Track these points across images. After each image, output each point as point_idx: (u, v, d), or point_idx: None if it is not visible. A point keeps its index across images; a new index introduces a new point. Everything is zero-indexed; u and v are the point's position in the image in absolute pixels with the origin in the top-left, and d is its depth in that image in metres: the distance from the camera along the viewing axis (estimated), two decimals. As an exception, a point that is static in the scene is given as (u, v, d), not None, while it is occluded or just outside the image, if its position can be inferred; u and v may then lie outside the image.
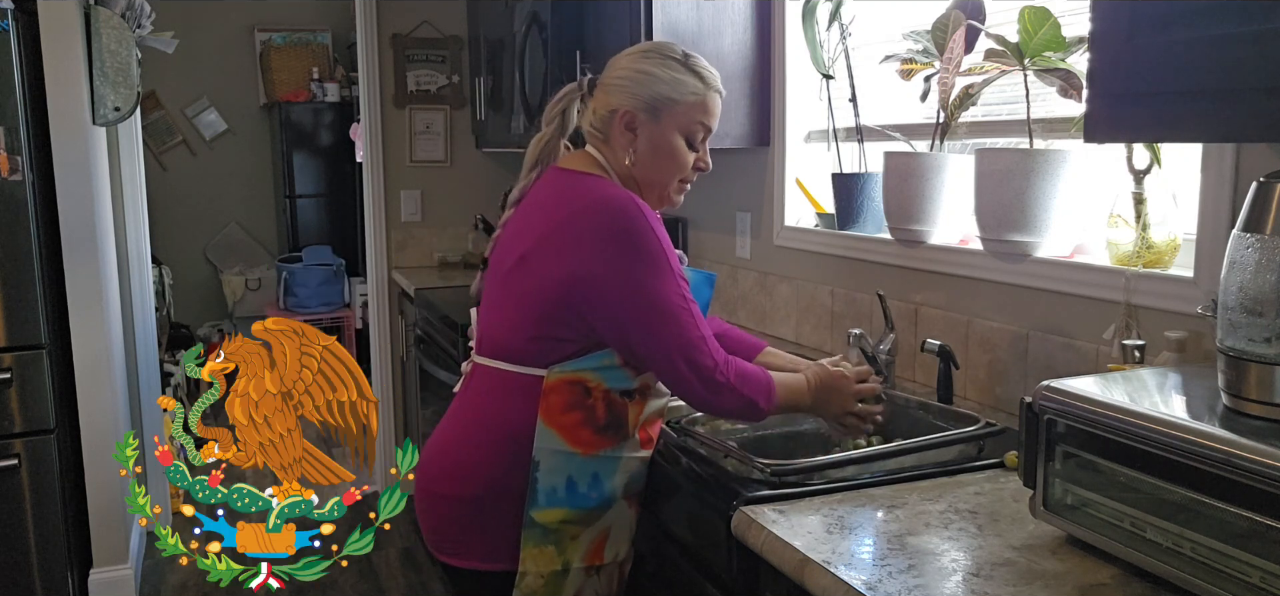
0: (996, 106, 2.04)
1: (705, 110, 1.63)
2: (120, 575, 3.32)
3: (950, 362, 1.86)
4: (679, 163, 1.63)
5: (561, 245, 1.54)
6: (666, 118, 1.60)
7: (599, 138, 1.64)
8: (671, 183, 1.65)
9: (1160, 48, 1.10)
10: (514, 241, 1.63)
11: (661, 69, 1.60)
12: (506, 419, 1.58)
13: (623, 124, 1.60)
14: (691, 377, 1.52)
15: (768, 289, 2.65)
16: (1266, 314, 1.05)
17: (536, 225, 1.60)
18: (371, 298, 4.29)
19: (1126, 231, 1.63)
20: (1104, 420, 1.15)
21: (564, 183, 1.63)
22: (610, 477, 1.59)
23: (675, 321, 1.51)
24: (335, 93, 5.73)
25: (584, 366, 1.55)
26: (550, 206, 1.60)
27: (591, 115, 1.65)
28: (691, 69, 1.62)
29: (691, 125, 1.62)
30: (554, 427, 1.55)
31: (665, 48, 1.64)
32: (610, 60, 1.67)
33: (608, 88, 1.63)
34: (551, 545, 1.58)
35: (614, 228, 1.51)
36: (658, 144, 1.61)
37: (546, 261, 1.55)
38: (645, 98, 1.59)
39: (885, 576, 1.18)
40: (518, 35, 3.36)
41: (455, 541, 1.63)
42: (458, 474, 1.62)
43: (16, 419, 2.98)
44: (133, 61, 3.32)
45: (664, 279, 1.51)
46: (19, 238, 2.93)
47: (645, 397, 1.62)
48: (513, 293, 1.60)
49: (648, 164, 1.62)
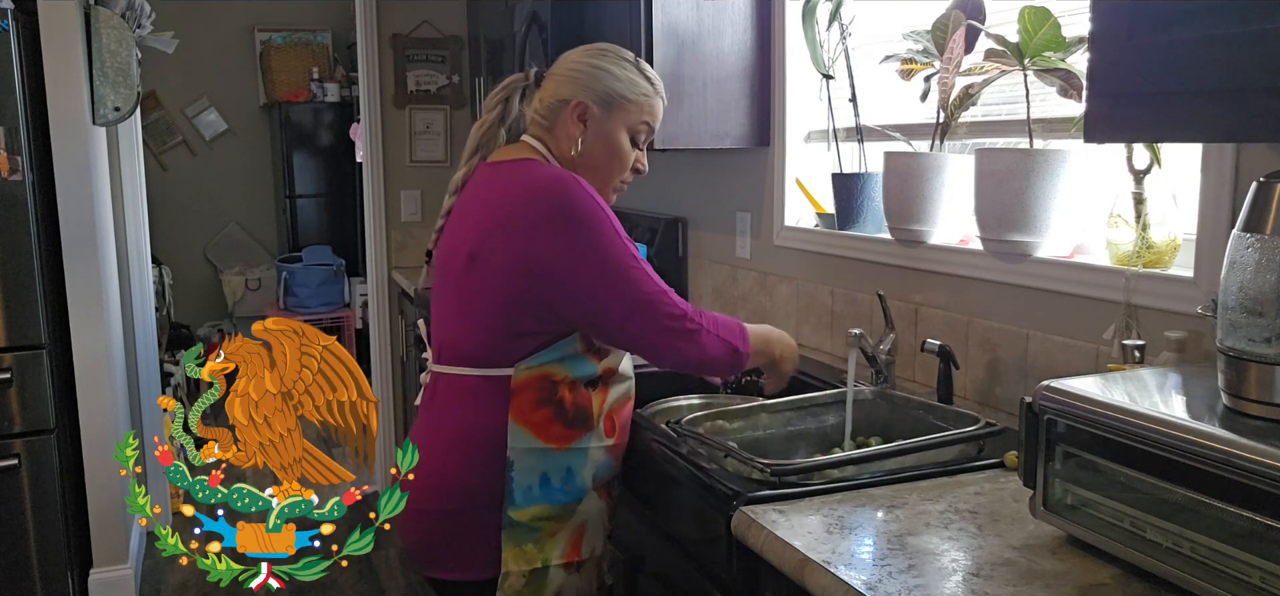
0: (996, 106, 2.04)
1: (652, 112, 1.69)
2: (120, 575, 3.32)
3: (950, 362, 1.86)
4: (622, 159, 1.68)
5: (510, 234, 1.55)
6: (617, 114, 1.65)
7: (543, 126, 1.67)
8: (612, 178, 1.70)
9: (1160, 48, 1.10)
10: (459, 241, 1.64)
11: (617, 67, 1.66)
12: (476, 425, 1.59)
13: (574, 114, 1.64)
14: (662, 333, 1.54)
15: (768, 289, 2.65)
16: (1266, 314, 1.05)
17: (480, 221, 1.60)
18: (371, 297, 4.29)
19: (1126, 231, 1.63)
20: (1104, 420, 1.15)
21: (500, 175, 1.64)
22: (582, 470, 1.61)
23: (632, 279, 1.54)
24: (335, 93, 5.73)
25: (548, 359, 1.57)
26: (490, 201, 1.61)
27: (537, 104, 1.68)
28: (642, 72, 1.69)
29: (637, 125, 1.68)
30: (525, 425, 1.56)
31: (618, 49, 1.70)
32: (562, 55, 1.71)
33: (559, 79, 1.66)
34: (531, 543, 1.58)
35: (555, 204, 1.54)
36: (606, 137, 1.65)
37: (497, 254, 1.56)
38: (599, 92, 1.64)
39: (885, 576, 1.18)
40: (518, 35, 3.36)
41: (439, 555, 1.63)
42: (434, 488, 1.61)
43: (16, 419, 2.99)
44: (133, 61, 3.32)
45: (610, 240, 1.54)
46: (19, 238, 2.93)
47: (608, 384, 1.64)
48: (466, 294, 1.60)
49: (593, 156, 1.66)
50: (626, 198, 3.37)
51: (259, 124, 6.00)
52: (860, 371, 1.86)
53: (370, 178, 4.19)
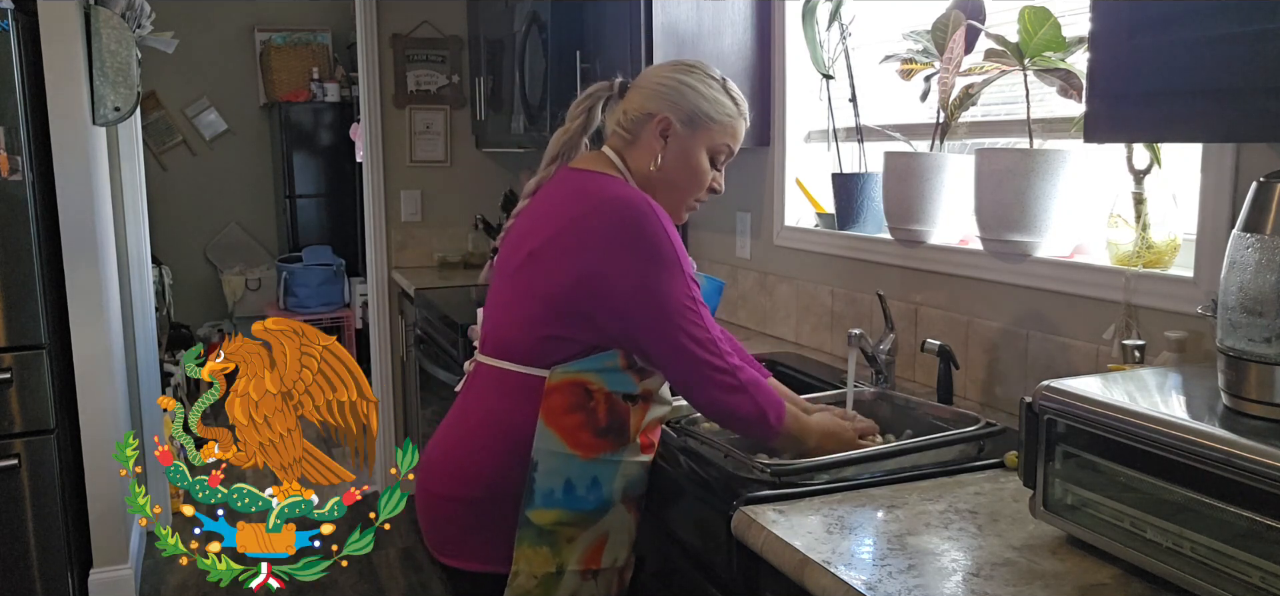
0: (996, 106, 2.04)
1: (734, 134, 1.67)
2: (120, 575, 3.32)
3: (950, 362, 1.86)
4: (699, 179, 1.66)
5: (572, 244, 1.54)
6: (701, 133, 1.63)
7: (625, 139, 1.65)
8: (688, 197, 1.67)
9: (1160, 48, 1.10)
10: (523, 238, 1.63)
11: (704, 86, 1.64)
12: (509, 420, 1.58)
13: (658, 129, 1.62)
14: (703, 380, 1.53)
15: (768, 289, 2.65)
16: (1266, 314, 1.05)
17: (547, 223, 1.60)
18: (371, 297, 4.29)
19: (1126, 231, 1.63)
20: (1104, 420, 1.15)
21: (576, 181, 1.63)
22: (609, 482, 1.59)
23: (686, 322, 1.51)
24: (335, 93, 5.73)
25: (586, 368, 1.55)
26: (562, 204, 1.60)
27: (620, 115, 1.66)
28: (729, 93, 1.66)
29: (719, 145, 1.66)
30: (554, 429, 1.55)
31: (707, 67, 1.68)
32: (648, 68, 1.70)
33: (645, 92, 1.64)
34: (546, 546, 1.57)
35: (626, 226, 1.52)
36: (686, 156, 1.63)
37: (556, 259, 1.55)
38: (686, 109, 1.62)
39: (885, 576, 1.18)
40: (518, 35, 3.36)
41: (456, 543, 1.63)
42: (460, 475, 1.61)
43: (16, 419, 2.98)
44: (133, 61, 3.32)
45: (675, 280, 1.52)
46: (19, 238, 2.93)
47: (648, 403, 1.61)
48: (520, 291, 1.60)
49: (671, 173, 1.63)
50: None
51: (259, 124, 6.01)
52: (860, 371, 1.86)
53: (370, 178, 4.19)
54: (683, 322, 1.51)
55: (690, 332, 1.52)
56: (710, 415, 1.60)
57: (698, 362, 1.52)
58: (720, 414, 1.58)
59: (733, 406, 1.54)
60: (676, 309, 1.51)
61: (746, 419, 1.56)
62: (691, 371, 1.53)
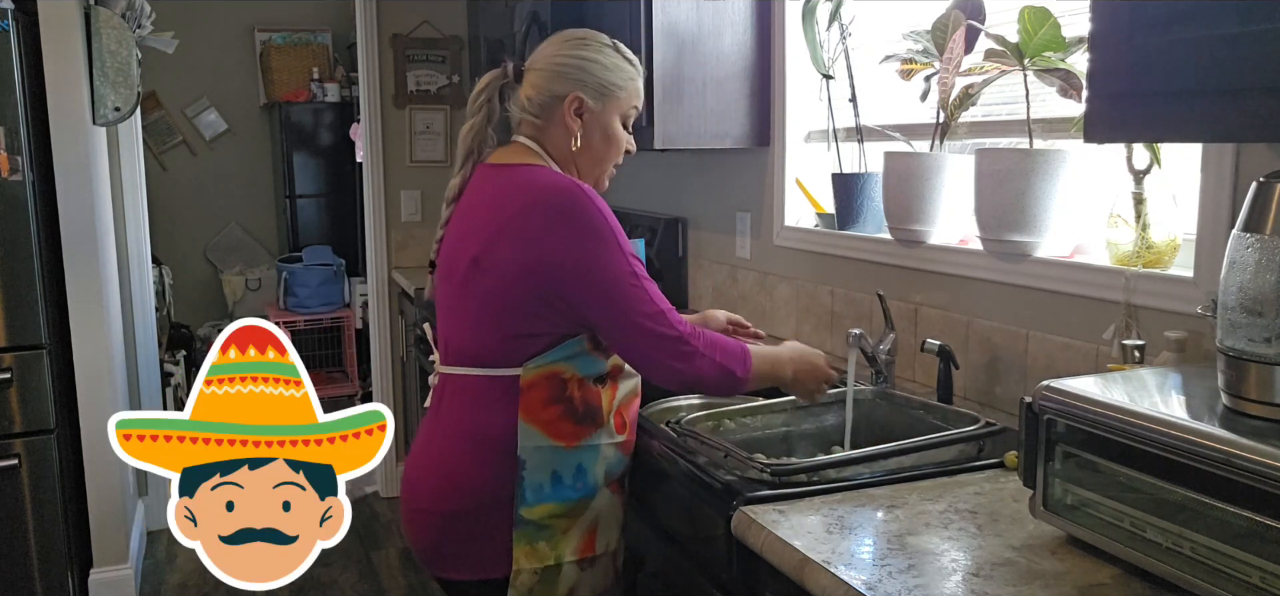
0: (996, 106, 2.04)
1: (638, 95, 1.71)
2: (120, 575, 3.32)
3: (950, 362, 1.86)
4: (618, 146, 1.69)
5: (515, 238, 1.54)
6: (610, 103, 1.66)
7: (535, 124, 1.66)
8: (609, 166, 1.71)
9: (1160, 48, 1.10)
10: (462, 243, 1.63)
11: (603, 56, 1.66)
12: (485, 425, 1.58)
13: (571, 108, 1.63)
14: (658, 350, 1.54)
15: (768, 289, 2.65)
16: (1266, 314, 1.05)
17: (484, 224, 1.59)
18: (371, 297, 4.29)
19: (1126, 231, 1.63)
20: (1104, 420, 1.15)
21: (503, 178, 1.63)
22: (592, 467, 1.61)
23: (632, 297, 1.53)
24: (335, 93, 5.73)
25: (557, 358, 1.56)
26: (494, 203, 1.60)
27: (524, 102, 1.66)
28: (623, 55, 1.69)
29: (628, 109, 1.69)
30: (535, 424, 1.56)
31: (596, 35, 1.70)
32: (538, 48, 1.70)
33: (546, 73, 1.65)
34: (543, 541, 1.58)
35: (565, 212, 1.53)
36: (603, 128, 1.66)
37: (503, 258, 1.55)
38: (594, 84, 1.64)
39: (885, 576, 1.18)
40: (518, 35, 3.36)
41: (450, 555, 1.63)
42: (445, 489, 1.61)
43: (16, 419, 2.98)
44: (133, 61, 3.32)
45: (614, 256, 1.53)
46: (19, 238, 2.93)
47: (616, 381, 1.63)
48: (473, 297, 1.60)
49: (593, 148, 1.66)
50: (626, 197, 3.38)
51: (259, 124, 6.00)
52: (860, 371, 1.86)
53: (370, 178, 4.19)
54: (631, 298, 1.53)
55: (638, 308, 1.53)
56: (675, 386, 1.61)
57: (650, 336, 1.53)
58: (684, 382, 1.58)
59: (696, 372, 1.55)
60: (620, 285, 1.53)
61: (712, 379, 1.57)
62: (646, 346, 1.54)
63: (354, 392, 5.38)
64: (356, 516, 1.39)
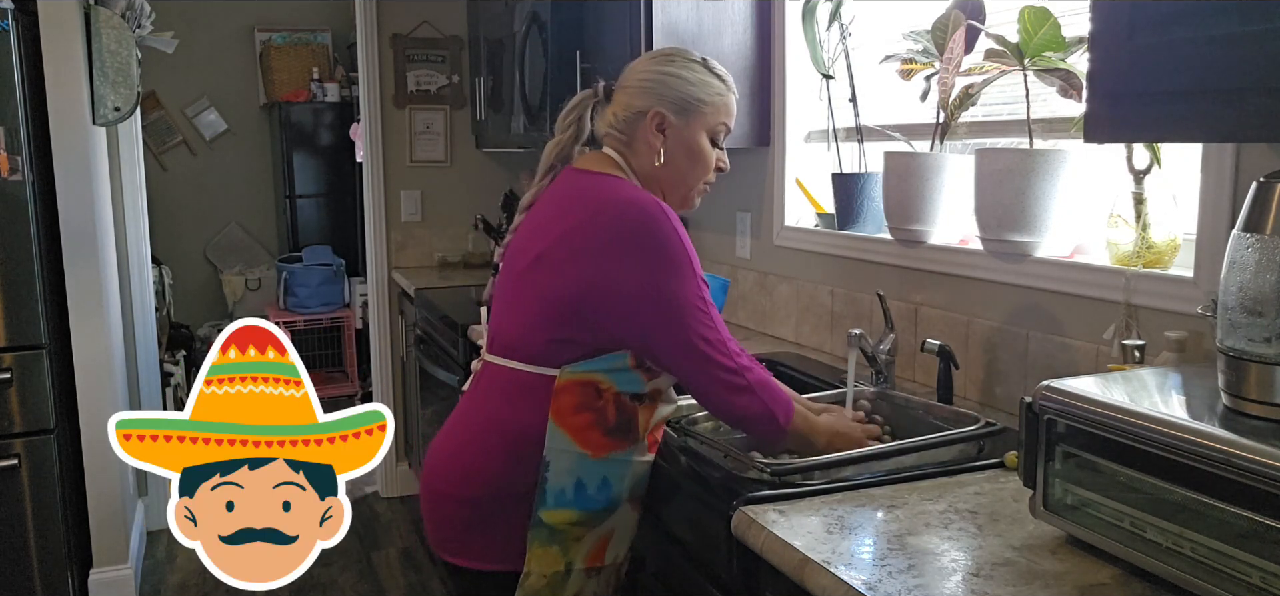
0: (996, 106, 2.04)
1: (728, 111, 1.67)
2: (120, 575, 3.32)
3: (950, 362, 1.86)
4: (705, 163, 1.66)
5: (581, 247, 1.53)
6: (695, 119, 1.62)
7: (621, 141, 1.64)
8: (696, 184, 1.67)
9: (1160, 48, 1.10)
10: (529, 241, 1.63)
11: (687, 71, 1.63)
12: (516, 419, 1.58)
13: (653, 125, 1.61)
14: (713, 381, 1.53)
15: (768, 289, 2.65)
16: (1266, 314, 1.05)
17: (554, 225, 1.59)
18: (371, 297, 4.29)
19: (1126, 231, 1.63)
20: (1104, 420, 1.15)
21: (582, 183, 1.62)
22: (619, 481, 1.59)
23: (697, 324, 1.51)
24: (335, 93, 5.73)
25: (596, 367, 1.55)
26: (568, 206, 1.59)
27: (611, 119, 1.65)
28: (712, 71, 1.66)
29: (716, 125, 1.65)
30: (565, 428, 1.55)
31: (685, 51, 1.67)
32: (629, 66, 1.68)
33: (631, 91, 1.64)
34: (557, 546, 1.57)
35: (637, 230, 1.51)
36: (687, 144, 1.63)
37: (565, 262, 1.54)
38: (674, 99, 1.61)
39: (885, 576, 1.18)
40: (518, 35, 3.36)
41: (460, 541, 1.63)
42: (466, 475, 1.61)
43: (16, 419, 2.98)
44: (133, 61, 3.32)
45: (686, 281, 1.52)
46: (19, 238, 2.93)
47: (655, 402, 1.61)
48: (528, 292, 1.59)
49: (676, 164, 1.63)
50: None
51: (259, 124, 6.00)
52: (860, 371, 1.86)
53: (370, 178, 4.19)
54: (694, 324, 1.51)
55: (701, 334, 1.52)
56: (720, 415, 1.60)
57: (708, 363, 1.52)
58: (729, 414, 1.57)
59: (742, 407, 1.54)
60: (688, 311, 1.51)
61: (755, 418, 1.56)
62: (702, 372, 1.53)
63: (354, 392, 5.38)
64: (356, 516, 1.39)
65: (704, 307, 1.53)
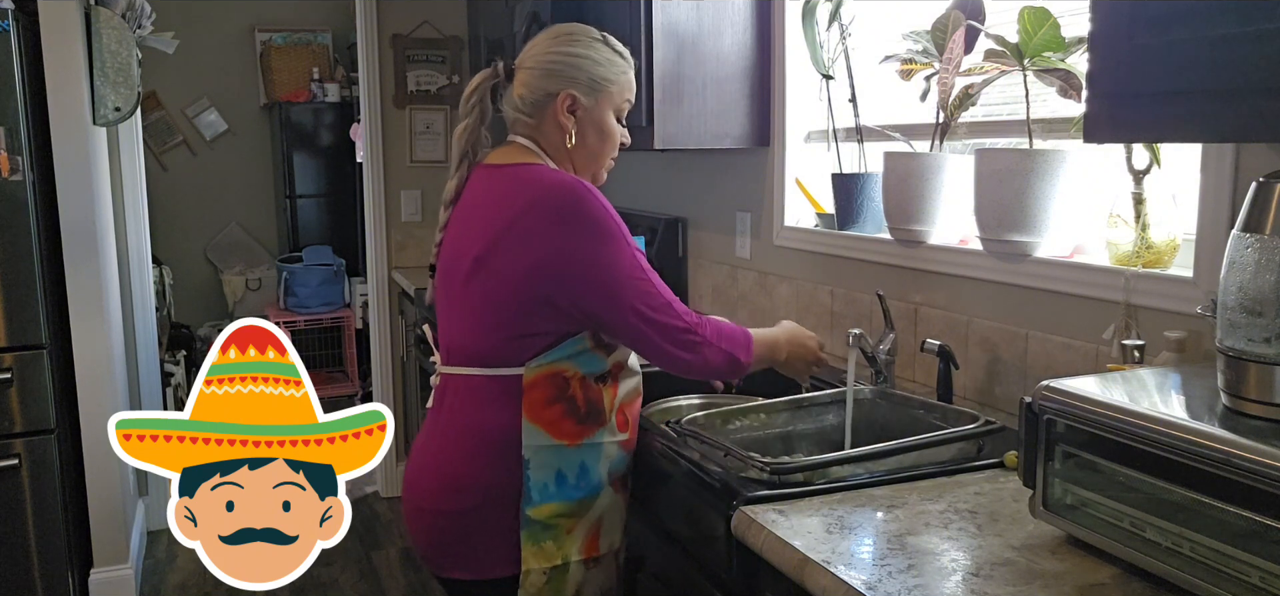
0: (996, 106, 2.04)
1: (631, 87, 1.71)
2: (120, 575, 3.32)
3: (950, 362, 1.86)
4: (613, 140, 1.70)
5: (518, 239, 1.55)
6: (603, 98, 1.66)
7: (530, 124, 1.66)
8: (606, 160, 1.71)
9: (1160, 48, 1.10)
10: (462, 245, 1.63)
11: (593, 51, 1.66)
12: (488, 425, 1.58)
13: (564, 107, 1.63)
14: (667, 342, 1.56)
15: (768, 289, 2.65)
16: (1266, 314, 1.05)
17: (486, 226, 1.59)
18: (371, 297, 4.29)
19: (1126, 231, 1.63)
20: (1104, 420, 1.15)
21: (503, 178, 1.63)
22: (596, 466, 1.61)
23: (640, 291, 1.55)
24: (335, 93, 5.73)
25: (559, 356, 1.57)
26: (496, 204, 1.60)
27: (516, 101, 1.67)
28: (613, 48, 1.69)
29: (621, 103, 1.69)
30: (538, 423, 1.56)
31: (586, 29, 1.69)
32: (528, 45, 1.70)
33: (538, 72, 1.65)
34: (550, 541, 1.58)
35: (565, 210, 1.54)
36: (597, 123, 1.66)
37: (506, 259, 1.55)
38: (583, 80, 1.64)
39: (885, 576, 1.18)
40: (518, 35, 3.36)
41: (453, 555, 1.63)
42: (448, 489, 1.61)
43: (16, 419, 2.98)
44: (133, 61, 3.32)
45: (620, 251, 1.55)
46: (19, 238, 2.93)
47: (618, 379, 1.64)
48: (475, 297, 1.59)
49: (588, 144, 1.66)
50: (625, 197, 3.38)
51: (259, 124, 6.00)
52: (860, 371, 1.86)
53: (370, 178, 4.19)
54: (636, 292, 1.54)
55: (646, 302, 1.55)
56: (684, 374, 1.64)
57: (659, 327, 1.56)
58: (692, 370, 1.62)
59: (704, 360, 1.60)
60: (628, 280, 1.54)
61: (719, 367, 1.62)
62: (655, 338, 1.56)
63: (354, 392, 5.38)
64: (356, 516, 1.39)
65: (643, 275, 1.56)
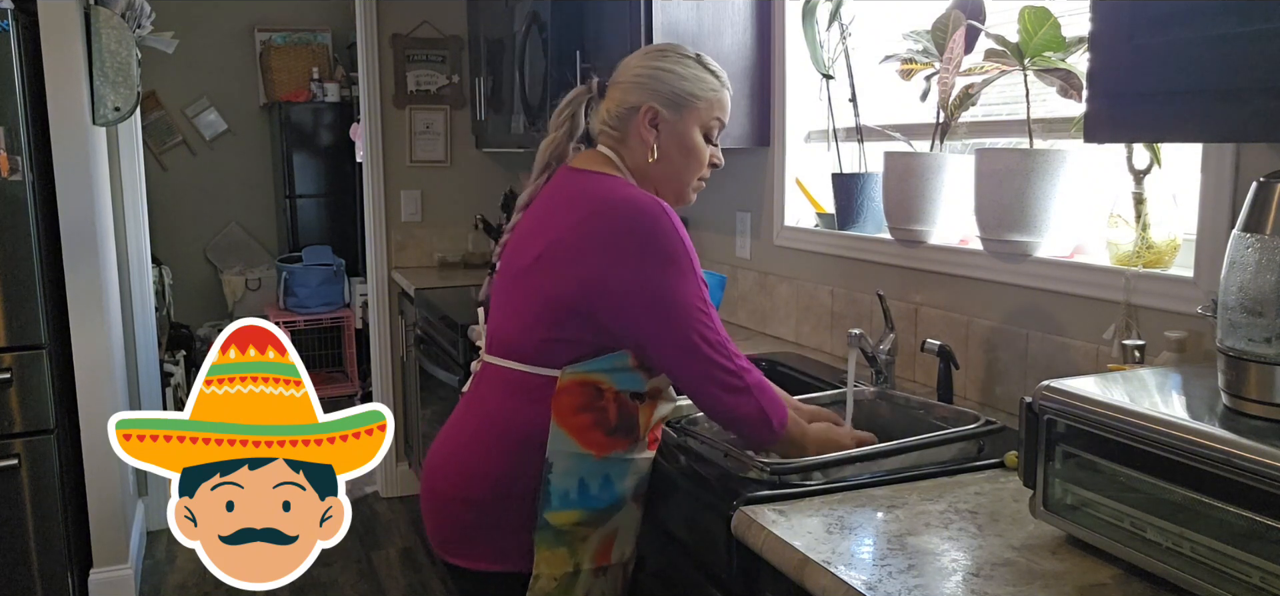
0: (996, 106, 2.04)
1: (722, 106, 1.66)
2: (120, 575, 3.32)
3: (950, 362, 1.86)
4: (699, 158, 1.65)
5: (580, 247, 1.53)
6: (688, 114, 1.62)
7: (615, 137, 1.64)
8: (691, 179, 1.67)
9: (1160, 48, 1.10)
10: (527, 241, 1.62)
11: (680, 66, 1.62)
12: (516, 420, 1.58)
13: (646, 120, 1.61)
14: (710, 380, 1.52)
15: (768, 289, 2.65)
16: (1266, 314, 1.05)
17: (551, 226, 1.59)
18: (371, 297, 4.29)
19: (1126, 231, 1.63)
20: (1104, 420, 1.15)
21: (579, 183, 1.62)
22: (621, 480, 1.59)
23: (697, 324, 1.51)
24: (335, 93, 5.73)
25: (597, 367, 1.55)
26: (565, 207, 1.59)
27: (605, 115, 1.65)
28: (706, 67, 1.65)
29: (710, 121, 1.65)
30: (566, 429, 1.55)
31: (679, 47, 1.67)
32: (622, 62, 1.68)
33: (624, 86, 1.63)
34: (564, 547, 1.57)
35: (636, 229, 1.51)
36: (680, 139, 1.62)
37: (563, 263, 1.54)
38: (667, 94, 1.60)
39: (885, 576, 1.18)
40: (518, 35, 3.36)
41: (463, 542, 1.63)
42: (468, 475, 1.61)
43: (16, 419, 2.98)
44: (133, 61, 3.32)
45: (686, 281, 1.51)
46: (19, 238, 2.93)
47: (656, 401, 1.61)
48: (526, 293, 1.59)
49: (670, 160, 1.63)
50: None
51: (259, 124, 6.00)
52: (860, 371, 1.86)
53: (370, 178, 4.19)
54: (694, 324, 1.51)
55: (701, 334, 1.51)
56: (714, 416, 1.59)
57: (707, 364, 1.51)
58: (724, 415, 1.56)
59: (739, 408, 1.53)
60: (688, 311, 1.51)
61: (750, 420, 1.54)
62: (700, 373, 1.52)
63: (354, 392, 5.38)
64: (356, 516, 1.39)
65: (704, 307, 1.52)
